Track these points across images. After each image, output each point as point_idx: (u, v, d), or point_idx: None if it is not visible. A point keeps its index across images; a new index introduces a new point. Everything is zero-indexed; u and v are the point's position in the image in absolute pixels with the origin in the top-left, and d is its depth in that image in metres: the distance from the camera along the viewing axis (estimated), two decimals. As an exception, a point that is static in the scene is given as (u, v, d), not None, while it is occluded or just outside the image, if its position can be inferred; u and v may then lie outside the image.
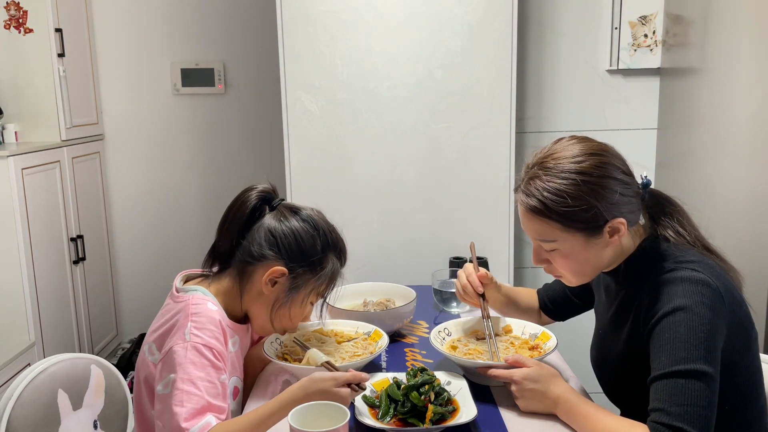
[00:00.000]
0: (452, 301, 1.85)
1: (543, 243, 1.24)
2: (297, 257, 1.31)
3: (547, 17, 2.48)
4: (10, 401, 1.27)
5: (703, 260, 1.17)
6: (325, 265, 1.34)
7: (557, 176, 1.17)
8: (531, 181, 1.20)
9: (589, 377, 1.55)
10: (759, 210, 1.76)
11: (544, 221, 1.20)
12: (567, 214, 1.17)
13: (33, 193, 2.41)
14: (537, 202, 1.18)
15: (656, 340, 1.12)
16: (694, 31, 2.15)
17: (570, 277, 1.28)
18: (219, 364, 1.21)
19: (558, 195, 1.16)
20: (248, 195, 1.34)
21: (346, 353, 1.45)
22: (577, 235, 1.19)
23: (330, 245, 1.35)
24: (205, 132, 3.03)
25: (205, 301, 1.28)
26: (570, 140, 1.23)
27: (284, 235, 1.30)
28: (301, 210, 1.35)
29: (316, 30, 2.09)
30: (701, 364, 1.06)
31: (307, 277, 1.33)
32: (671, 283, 1.14)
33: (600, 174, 1.17)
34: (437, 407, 1.18)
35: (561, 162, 1.18)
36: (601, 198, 1.16)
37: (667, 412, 1.05)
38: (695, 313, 1.08)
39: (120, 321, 3.14)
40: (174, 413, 1.13)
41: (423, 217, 2.20)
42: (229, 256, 1.35)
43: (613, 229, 1.19)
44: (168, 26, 2.94)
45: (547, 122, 2.54)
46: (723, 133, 1.95)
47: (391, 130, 2.15)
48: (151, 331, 1.32)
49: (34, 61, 2.55)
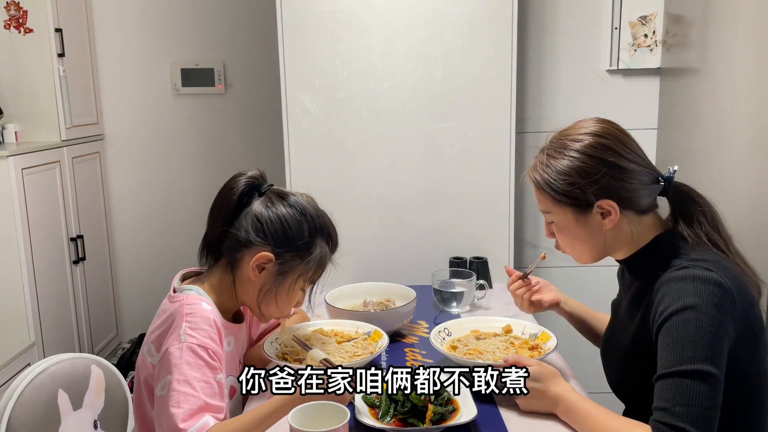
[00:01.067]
0: (452, 301, 1.85)
1: (543, 214, 1.31)
2: (284, 243, 1.30)
3: (547, 17, 2.48)
4: (10, 401, 1.27)
5: (717, 260, 1.17)
6: (313, 250, 1.32)
7: (556, 151, 1.24)
8: (539, 155, 1.28)
9: (589, 377, 1.56)
10: (759, 210, 1.75)
11: (541, 193, 1.27)
12: (555, 188, 1.23)
13: (33, 193, 2.41)
14: (537, 175, 1.26)
15: (664, 337, 1.11)
16: (694, 31, 2.15)
17: (570, 252, 1.32)
18: (215, 363, 1.21)
19: (550, 168, 1.24)
20: (236, 181, 1.33)
21: (346, 353, 1.45)
22: (566, 210, 1.25)
23: (318, 230, 1.33)
24: (205, 132, 3.03)
25: (200, 301, 1.27)
26: (588, 120, 1.27)
27: (270, 220, 1.29)
28: (289, 195, 1.34)
29: (316, 30, 2.09)
30: (707, 365, 1.05)
31: (295, 263, 1.31)
32: (683, 281, 1.13)
33: (591, 154, 1.20)
34: (437, 407, 1.18)
35: (565, 138, 1.25)
36: (587, 176, 1.20)
37: (670, 411, 1.05)
38: (705, 313, 1.08)
39: (120, 321, 3.14)
40: (171, 414, 1.13)
41: (423, 217, 2.20)
42: (220, 244, 1.34)
43: (604, 211, 1.22)
44: (168, 26, 2.94)
45: (547, 122, 2.54)
46: (723, 133, 1.95)
47: (391, 130, 2.15)
48: (149, 332, 1.32)
49: (34, 61, 2.55)
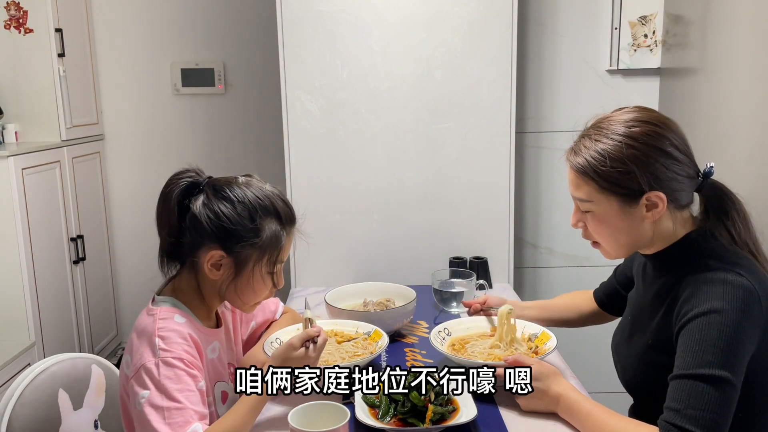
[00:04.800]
0: (452, 301, 1.85)
1: (581, 203, 1.24)
2: (228, 237, 1.26)
3: (547, 17, 2.48)
4: (10, 401, 1.27)
5: (749, 265, 1.15)
6: (262, 233, 1.27)
7: (606, 137, 1.18)
8: (581, 140, 1.22)
9: (589, 377, 1.56)
10: (759, 210, 1.75)
11: (584, 179, 1.20)
12: (604, 175, 1.17)
13: (33, 193, 2.41)
14: (581, 160, 1.20)
15: (686, 337, 1.10)
16: (694, 31, 2.15)
17: (603, 244, 1.27)
18: (193, 371, 1.19)
19: (600, 155, 1.17)
20: (173, 185, 1.29)
21: (346, 353, 1.45)
22: (612, 200, 1.19)
23: (261, 212, 1.28)
24: (205, 132, 3.03)
25: (172, 315, 1.25)
26: (632, 108, 1.23)
27: (209, 218, 1.25)
28: (225, 186, 1.30)
29: (316, 30, 2.10)
30: (725, 371, 1.04)
31: (248, 252, 1.27)
32: (712, 283, 1.11)
33: (647, 142, 1.15)
34: (437, 407, 1.18)
35: (613, 125, 1.19)
36: (643, 166, 1.15)
37: (682, 413, 1.04)
38: (730, 318, 1.07)
39: (120, 321, 3.14)
40: (159, 430, 1.11)
41: (423, 217, 2.20)
42: (175, 251, 1.31)
43: (651, 203, 1.17)
44: (168, 26, 2.94)
45: (547, 122, 2.54)
46: (723, 133, 1.95)
47: (391, 130, 2.16)
48: (127, 344, 1.28)
49: (34, 61, 2.55)
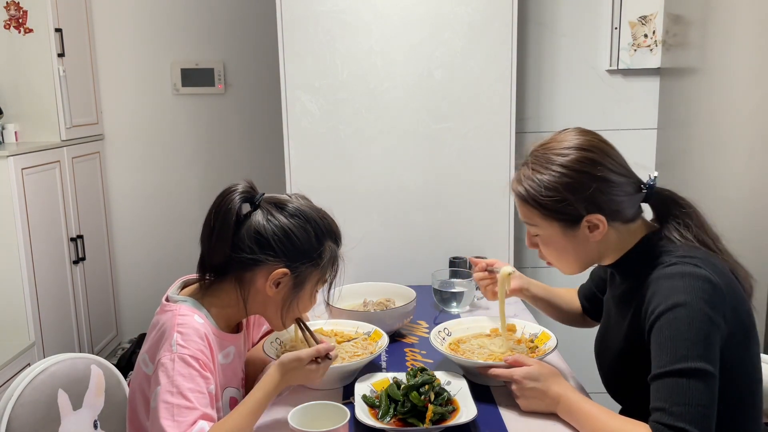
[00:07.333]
0: (452, 301, 1.85)
1: (528, 227, 1.29)
2: (295, 255, 1.26)
3: (546, 17, 2.48)
4: (10, 401, 1.27)
5: (705, 257, 1.17)
6: (324, 254, 1.29)
7: (541, 166, 1.22)
8: (522, 168, 1.26)
9: (588, 377, 1.55)
10: (758, 210, 1.75)
11: (527, 206, 1.25)
12: (543, 203, 1.21)
13: (33, 193, 2.41)
14: (522, 189, 1.24)
15: (656, 336, 1.11)
16: (694, 31, 2.15)
17: (556, 264, 1.31)
18: (206, 374, 1.19)
19: (537, 184, 1.21)
20: (230, 200, 1.23)
21: (346, 353, 1.44)
22: (554, 224, 1.23)
23: (324, 233, 1.29)
24: (205, 132, 3.03)
25: (192, 314, 1.24)
26: (570, 132, 1.25)
27: (276, 235, 1.24)
28: (286, 204, 1.28)
29: (316, 30, 2.09)
30: (702, 362, 1.05)
31: (310, 271, 1.28)
32: (671, 278, 1.13)
33: (580, 169, 1.19)
34: (437, 407, 1.18)
35: (549, 152, 1.22)
36: (578, 193, 1.18)
37: (668, 412, 1.05)
38: (696, 310, 1.08)
39: (120, 321, 3.14)
40: (164, 427, 1.11)
41: (423, 217, 2.20)
42: (224, 265, 1.28)
43: (592, 225, 1.21)
44: (168, 26, 2.94)
45: (547, 122, 2.54)
46: (723, 133, 1.95)
47: (391, 130, 2.15)
48: (144, 342, 1.29)
49: (34, 61, 2.55)
